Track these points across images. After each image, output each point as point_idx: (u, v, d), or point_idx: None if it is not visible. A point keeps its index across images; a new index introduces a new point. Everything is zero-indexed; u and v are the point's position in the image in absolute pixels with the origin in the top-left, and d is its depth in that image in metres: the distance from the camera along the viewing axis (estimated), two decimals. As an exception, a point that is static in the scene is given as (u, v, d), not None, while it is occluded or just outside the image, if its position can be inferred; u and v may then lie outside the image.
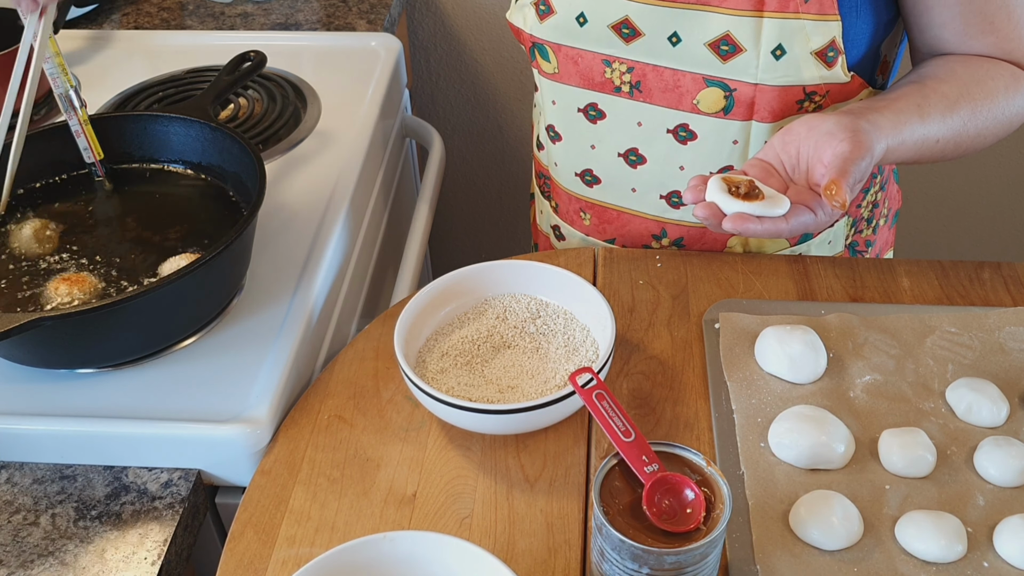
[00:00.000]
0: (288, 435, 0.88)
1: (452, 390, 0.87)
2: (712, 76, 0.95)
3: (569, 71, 1.02)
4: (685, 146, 1.00)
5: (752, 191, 0.83)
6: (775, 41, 0.91)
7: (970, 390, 0.85)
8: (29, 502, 0.85)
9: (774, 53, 0.91)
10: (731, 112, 0.96)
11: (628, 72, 0.98)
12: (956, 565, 0.74)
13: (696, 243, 1.07)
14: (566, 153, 1.08)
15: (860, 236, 1.13)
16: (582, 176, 1.08)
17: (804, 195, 0.85)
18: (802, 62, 0.92)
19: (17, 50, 0.99)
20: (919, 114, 0.90)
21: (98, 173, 1.07)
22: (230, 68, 1.16)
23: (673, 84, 0.97)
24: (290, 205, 1.11)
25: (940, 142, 0.92)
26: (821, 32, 0.91)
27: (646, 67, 0.97)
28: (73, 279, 0.95)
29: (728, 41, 0.92)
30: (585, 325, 0.92)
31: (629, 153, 1.03)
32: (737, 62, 0.93)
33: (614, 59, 0.98)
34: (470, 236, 2.11)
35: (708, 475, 0.71)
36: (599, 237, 1.11)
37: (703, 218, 0.84)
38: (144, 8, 1.55)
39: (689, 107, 0.98)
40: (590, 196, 1.09)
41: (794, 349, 0.88)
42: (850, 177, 0.81)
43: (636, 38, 0.96)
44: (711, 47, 0.93)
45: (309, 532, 0.80)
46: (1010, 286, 0.99)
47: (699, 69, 0.95)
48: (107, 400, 0.90)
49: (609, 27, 0.96)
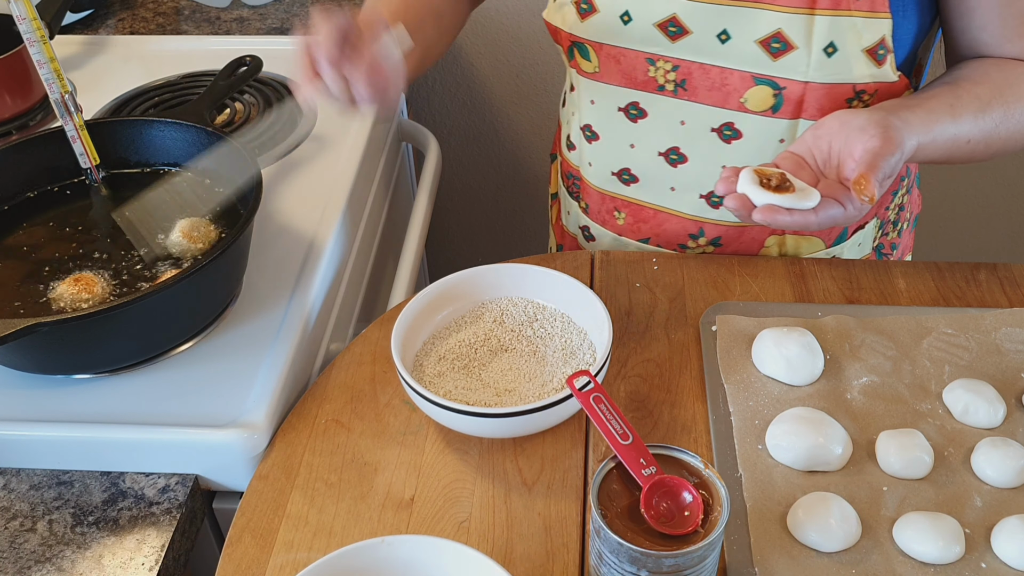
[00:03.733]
0: (285, 440, 0.88)
1: (449, 394, 0.87)
2: (761, 74, 0.94)
3: (610, 70, 1.01)
4: (729, 145, 1.00)
5: (783, 183, 0.83)
6: (827, 38, 0.91)
7: (967, 391, 0.86)
8: (26, 508, 0.85)
9: (826, 50, 0.91)
10: (779, 111, 0.96)
11: (673, 70, 0.97)
12: (954, 566, 0.74)
13: (733, 243, 1.06)
14: (603, 152, 1.07)
15: (887, 239, 1.13)
16: (619, 175, 1.07)
17: (834, 189, 0.85)
18: (853, 60, 0.92)
19: (17, 53, 0.98)
20: (951, 114, 0.90)
21: (94, 178, 1.07)
22: (226, 73, 1.16)
23: (720, 82, 0.96)
24: (286, 209, 1.11)
25: (971, 142, 0.92)
26: (872, 29, 0.91)
27: (692, 65, 0.96)
28: (82, 279, 0.95)
29: (779, 38, 0.92)
30: (582, 328, 0.92)
31: (670, 152, 1.03)
32: (788, 60, 0.93)
33: (658, 57, 0.97)
34: (466, 240, 2.11)
35: (706, 478, 0.71)
36: (633, 237, 1.10)
37: (733, 209, 0.84)
38: (140, 13, 1.55)
39: (736, 105, 0.97)
40: (626, 195, 1.08)
41: (791, 351, 0.88)
42: (879, 172, 0.82)
43: (683, 36, 0.95)
44: (761, 44, 0.93)
45: (307, 537, 0.80)
46: (1006, 287, 1.00)
47: (748, 67, 0.94)
48: (104, 405, 0.90)
49: (655, 25, 0.95)
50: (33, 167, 1.06)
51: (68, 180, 1.08)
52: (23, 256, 1.00)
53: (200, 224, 1.00)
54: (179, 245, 0.99)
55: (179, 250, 0.99)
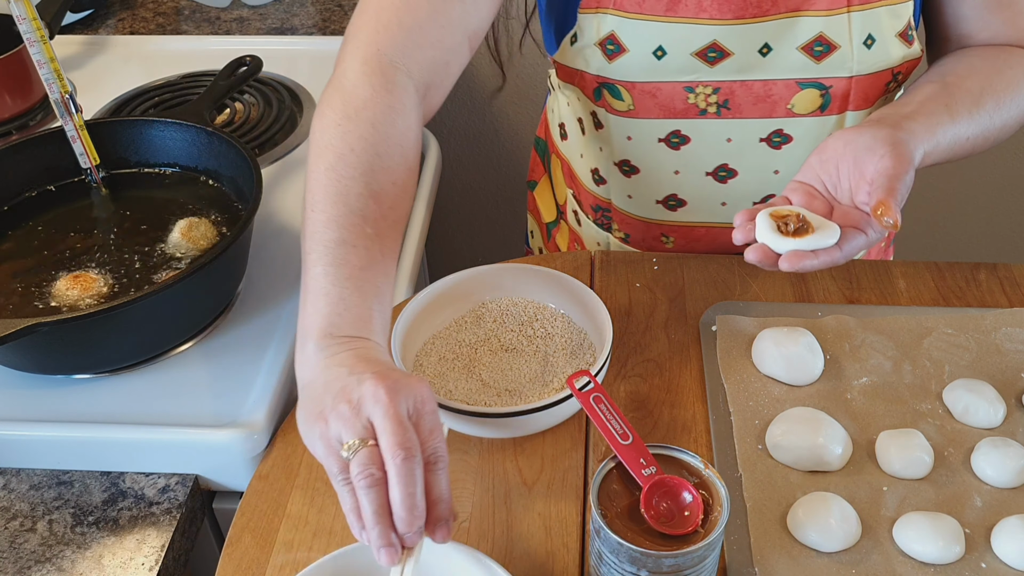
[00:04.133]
0: (285, 439, 0.88)
1: (450, 394, 0.87)
2: (805, 78, 0.94)
3: (646, 105, 0.98)
4: (779, 151, 0.99)
5: (802, 226, 0.80)
6: (865, 31, 0.92)
7: (967, 391, 0.85)
8: (26, 508, 0.85)
9: (866, 43, 0.92)
10: (827, 109, 0.96)
11: (714, 93, 0.96)
12: (954, 566, 0.74)
13: None
14: (645, 183, 1.05)
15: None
16: (664, 202, 1.06)
17: (851, 216, 0.82)
18: (890, 45, 0.93)
19: (17, 53, 0.98)
20: (949, 114, 0.89)
21: (94, 178, 1.07)
22: (226, 73, 1.16)
23: (764, 95, 0.96)
24: (286, 209, 1.11)
25: (970, 140, 0.91)
26: (901, 13, 0.92)
27: (733, 84, 0.96)
28: (81, 279, 0.95)
29: (822, 41, 0.92)
30: (582, 328, 0.92)
31: (719, 170, 1.02)
32: (832, 60, 0.93)
33: (697, 84, 0.96)
34: (467, 240, 2.11)
35: (706, 478, 0.71)
36: None
37: (756, 261, 0.80)
38: (140, 13, 1.55)
39: (783, 113, 0.97)
40: (674, 219, 1.07)
41: (791, 351, 0.88)
42: (898, 195, 0.79)
43: (723, 59, 0.94)
44: (804, 50, 0.93)
45: (307, 536, 0.80)
46: (1006, 287, 1.00)
47: (791, 74, 0.94)
48: (104, 406, 0.90)
49: (693, 54, 0.94)
50: (33, 167, 1.06)
51: (68, 180, 1.08)
52: (23, 256, 1.00)
53: (200, 224, 1.00)
54: (179, 245, 0.99)
55: (179, 250, 0.99)
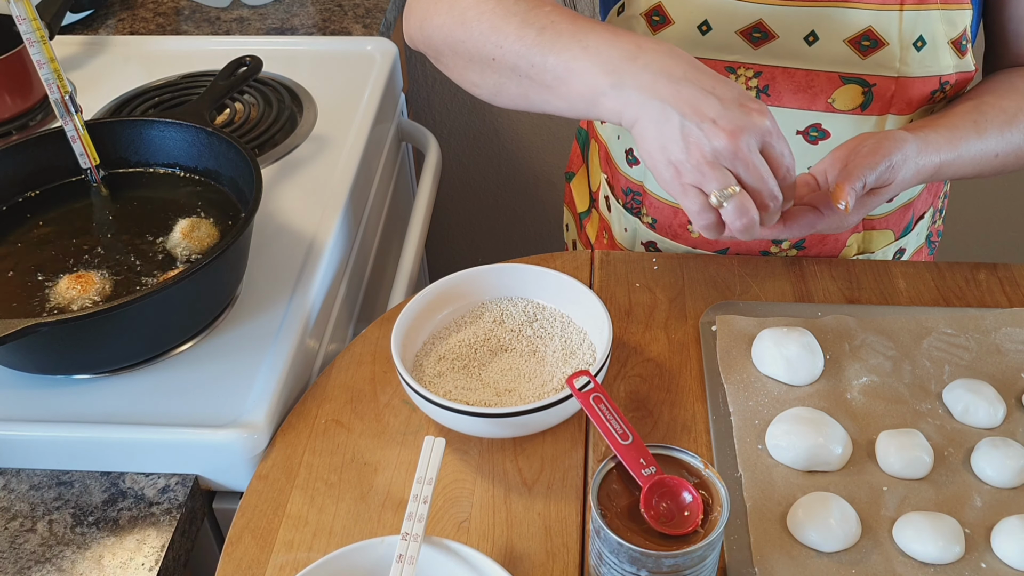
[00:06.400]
0: (285, 440, 0.88)
1: (449, 394, 0.87)
2: (849, 73, 0.94)
3: None
4: (816, 146, 0.99)
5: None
6: (916, 32, 0.91)
7: (967, 391, 0.86)
8: (26, 508, 0.85)
9: (915, 44, 0.91)
10: (868, 108, 0.95)
11: (755, 77, 0.96)
12: (954, 566, 0.74)
13: (816, 246, 1.06)
14: None
15: (935, 227, 1.14)
16: None
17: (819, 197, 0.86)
18: (941, 51, 0.92)
19: (17, 53, 0.98)
20: (976, 130, 0.90)
21: (94, 179, 1.07)
22: (226, 73, 1.16)
23: (806, 84, 0.95)
24: (286, 209, 1.11)
25: (1000, 156, 0.92)
26: (955, 21, 0.91)
27: (775, 70, 0.95)
28: (81, 279, 0.95)
29: (870, 36, 0.91)
30: (582, 328, 0.92)
31: None
32: (879, 57, 0.92)
33: (739, 65, 0.95)
34: (466, 240, 2.11)
35: (706, 478, 0.71)
36: (709, 249, 1.08)
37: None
38: (139, 14, 1.55)
39: (823, 106, 0.96)
40: None
41: (791, 351, 0.88)
42: (855, 180, 0.82)
43: (768, 41, 0.93)
44: (850, 43, 0.92)
45: (307, 537, 0.80)
46: (1006, 287, 1.00)
47: (835, 67, 0.94)
48: (104, 406, 0.90)
49: (737, 32, 0.94)
50: (33, 167, 1.06)
51: (68, 180, 1.08)
52: (23, 256, 1.00)
53: (200, 224, 1.00)
54: (179, 245, 0.99)
55: (179, 250, 0.99)
